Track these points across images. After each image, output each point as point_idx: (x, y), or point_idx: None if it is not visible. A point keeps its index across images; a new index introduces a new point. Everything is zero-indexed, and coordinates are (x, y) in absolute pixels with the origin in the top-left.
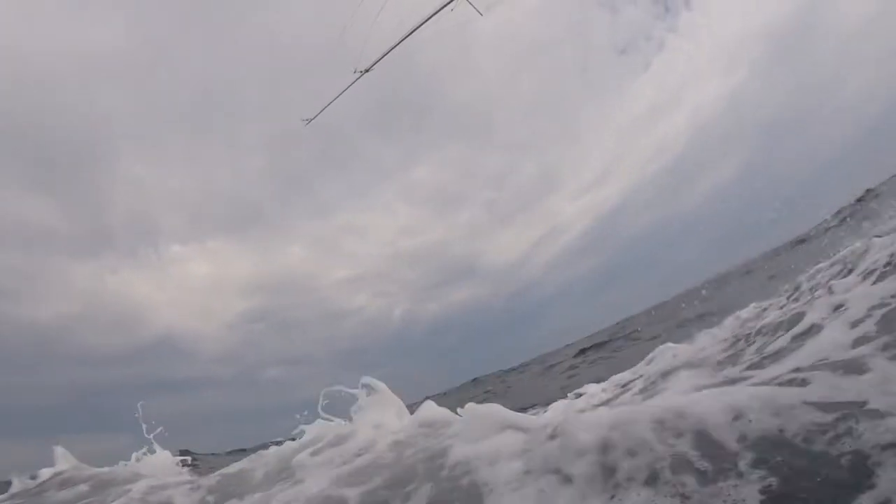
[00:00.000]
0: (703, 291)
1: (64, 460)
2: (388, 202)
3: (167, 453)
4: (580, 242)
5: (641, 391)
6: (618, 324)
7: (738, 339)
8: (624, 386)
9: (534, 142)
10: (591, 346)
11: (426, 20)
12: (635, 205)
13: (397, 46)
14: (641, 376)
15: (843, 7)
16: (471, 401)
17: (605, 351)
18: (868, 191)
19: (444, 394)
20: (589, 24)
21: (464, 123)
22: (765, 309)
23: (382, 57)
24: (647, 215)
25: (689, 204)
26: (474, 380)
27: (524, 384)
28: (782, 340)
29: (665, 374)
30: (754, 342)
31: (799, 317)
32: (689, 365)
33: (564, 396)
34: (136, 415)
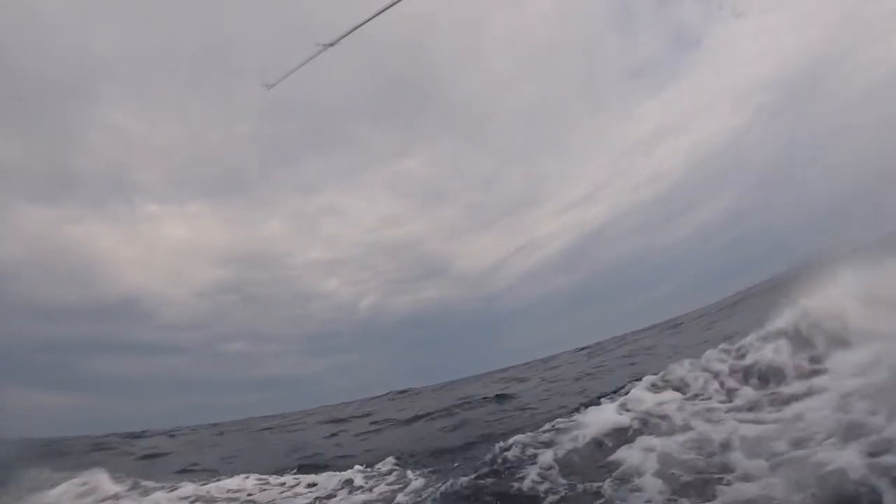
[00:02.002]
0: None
1: None
2: (373, 188)
3: None
4: (557, 259)
5: None
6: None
7: None
8: None
9: (527, 150)
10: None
11: (394, 3)
12: (618, 230)
13: (364, 25)
14: None
15: (853, 70)
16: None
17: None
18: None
19: (371, 399)
20: (601, 43)
21: (460, 121)
22: None
23: (348, 33)
24: (628, 243)
25: (672, 238)
26: (402, 391)
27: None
28: None
29: None
30: None
31: None
32: None
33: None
34: None
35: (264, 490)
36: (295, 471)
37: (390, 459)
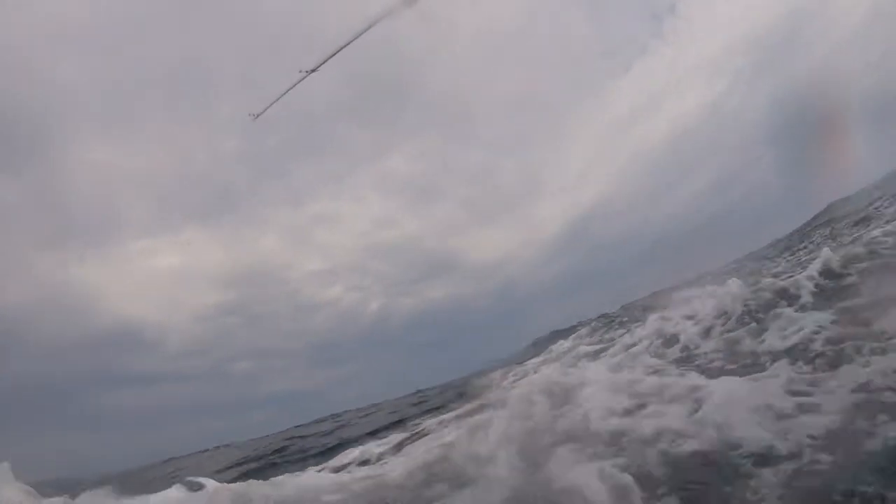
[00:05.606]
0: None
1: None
2: (362, 191)
3: None
4: (559, 245)
5: None
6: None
7: None
8: None
9: (515, 139)
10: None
11: (370, 26)
12: (613, 209)
13: (343, 49)
14: None
15: (827, 21)
16: None
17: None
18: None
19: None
20: (574, 24)
21: (442, 115)
22: None
23: (328, 58)
24: (623, 221)
25: (663, 211)
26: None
27: None
28: None
29: None
30: None
31: None
32: None
33: None
34: None
35: None
36: None
37: None
